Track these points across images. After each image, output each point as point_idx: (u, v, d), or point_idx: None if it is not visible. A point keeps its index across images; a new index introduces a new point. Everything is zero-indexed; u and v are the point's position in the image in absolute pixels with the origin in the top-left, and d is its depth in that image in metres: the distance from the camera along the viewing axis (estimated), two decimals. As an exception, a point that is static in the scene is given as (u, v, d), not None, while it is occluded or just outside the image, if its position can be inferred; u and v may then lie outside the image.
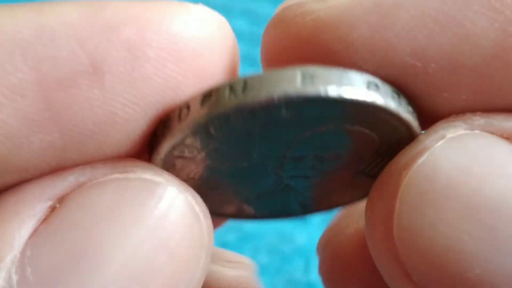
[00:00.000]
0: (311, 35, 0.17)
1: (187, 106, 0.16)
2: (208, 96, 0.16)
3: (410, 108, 0.17)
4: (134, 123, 0.16)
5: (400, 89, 0.17)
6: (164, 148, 0.17)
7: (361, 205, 0.26)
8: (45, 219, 0.16)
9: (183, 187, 0.17)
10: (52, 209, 0.16)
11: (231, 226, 0.44)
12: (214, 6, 0.18)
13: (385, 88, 0.16)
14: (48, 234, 0.16)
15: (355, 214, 0.26)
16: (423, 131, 0.18)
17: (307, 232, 0.45)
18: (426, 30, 0.16)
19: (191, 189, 0.17)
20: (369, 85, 0.16)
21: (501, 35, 0.16)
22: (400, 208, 0.16)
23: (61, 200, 0.16)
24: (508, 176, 0.16)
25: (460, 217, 0.16)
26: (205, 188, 0.19)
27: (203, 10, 0.17)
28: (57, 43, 0.15)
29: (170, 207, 0.16)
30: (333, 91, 0.16)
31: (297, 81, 0.16)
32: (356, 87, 0.16)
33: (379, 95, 0.16)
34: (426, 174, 0.16)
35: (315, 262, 0.25)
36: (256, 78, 0.16)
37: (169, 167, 0.17)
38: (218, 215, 0.19)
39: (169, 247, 0.16)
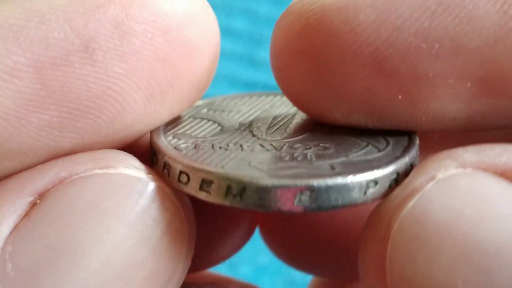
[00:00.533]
0: (318, 20, 0.17)
1: (187, 175, 0.17)
2: (208, 183, 0.17)
3: (410, 168, 0.17)
4: (127, 96, 0.17)
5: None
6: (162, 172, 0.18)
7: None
8: (26, 215, 0.16)
9: (164, 182, 0.17)
10: (33, 204, 0.16)
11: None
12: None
13: (384, 180, 0.17)
14: (29, 230, 0.16)
15: None
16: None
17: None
18: (429, 12, 0.16)
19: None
20: (367, 187, 0.17)
21: (502, 17, 0.16)
22: (392, 253, 0.16)
23: (42, 195, 0.16)
24: (502, 217, 0.15)
25: (454, 262, 0.15)
26: None
27: None
28: (47, 25, 0.16)
29: (151, 202, 0.16)
30: (331, 204, 0.17)
31: (295, 200, 0.16)
32: (354, 196, 0.17)
33: (376, 192, 0.17)
34: (417, 218, 0.15)
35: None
36: (254, 185, 0.16)
37: None
38: None
39: (151, 242, 0.16)
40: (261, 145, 0.19)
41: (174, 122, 0.20)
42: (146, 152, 0.19)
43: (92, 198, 0.16)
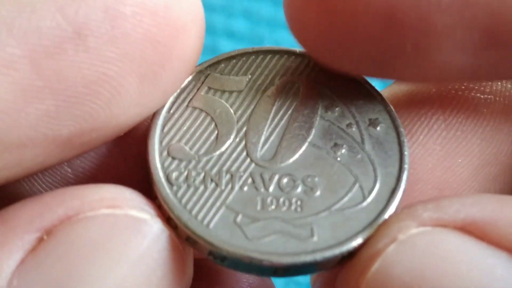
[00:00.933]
0: None
1: (176, 224, 0.18)
2: (193, 242, 0.18)
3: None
4: (121, 79, 0.17)
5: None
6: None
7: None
8: (33, 250, 0.16)
9: (175, 223, 0.18)
10: (40, 240, 0.16)
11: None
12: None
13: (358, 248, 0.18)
14: (35, 266, 0.16)
15: None
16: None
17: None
18: None
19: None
20: (342, 257, 0.18)
21: None
22: None
23: (49, 232, 0.16)
24: (460, 275, 0.15)
25: None
26: None
27: None
28: (39, 14, 0.16)
29: (153, 244, 0.17)
30: (304, 274, 0.18)
31: (271, 272, 0.18)
32: (326, 267, 0.18)
33: (349, 259, 0.18)
34: (381, 282, 0.16)
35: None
36: (233, 256, 0.18)
37: None
38: None
39: (152, 282, 0.17)
40: (252, 180, 0.19)
41: (173, 115, 0.20)
42: (144, 137, 0.19)
43: (97, 238, 0.16)
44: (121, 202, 0.17)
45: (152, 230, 0.17)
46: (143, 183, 0.19)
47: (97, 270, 0.16)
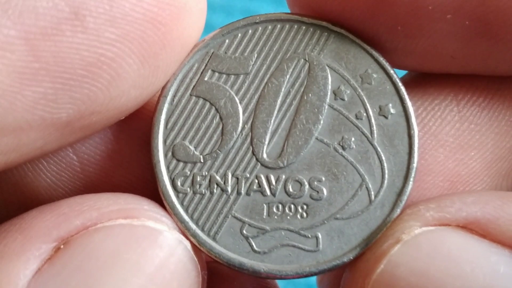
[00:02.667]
0: None
1: (183, 233, 0.18)
2: (199, 249, 0.19)
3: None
4: (121, 60, 0.17)
5: None
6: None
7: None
8: (49, 259, 0.16)
9: (183, 234, 0.18)
10: (57, 249, 0.16)
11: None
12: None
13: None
14: (52, 275, 0.16)
15: None
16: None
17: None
18: None
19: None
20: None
21: None
22: None
23: (66, 241, 0.17)
24: (465, 275, 0.15)
25: None
26: None
27: None
28: None
29: (170, 255, 0.17)
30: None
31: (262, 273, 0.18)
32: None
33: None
34: (387, 283, 0.16)
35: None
36: (238, 266, 0.18)
37: None
38: None
39: None
40: (258, 185, 0.19)
41: (176, 107, 0.19)
42: (149, 118, 0.19)
43: (114, 248, 0.16)
44: (138, 212, 0.17)
45: (168, 242, 0.17)
46: (148, 165, 0.19)
47: (115, 280, 0.16)
